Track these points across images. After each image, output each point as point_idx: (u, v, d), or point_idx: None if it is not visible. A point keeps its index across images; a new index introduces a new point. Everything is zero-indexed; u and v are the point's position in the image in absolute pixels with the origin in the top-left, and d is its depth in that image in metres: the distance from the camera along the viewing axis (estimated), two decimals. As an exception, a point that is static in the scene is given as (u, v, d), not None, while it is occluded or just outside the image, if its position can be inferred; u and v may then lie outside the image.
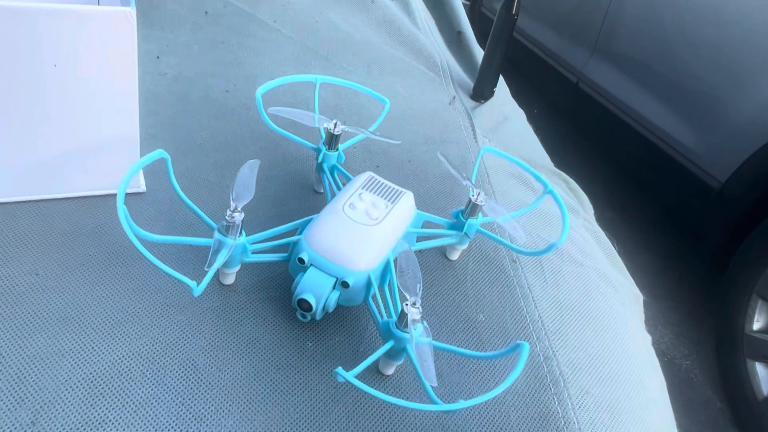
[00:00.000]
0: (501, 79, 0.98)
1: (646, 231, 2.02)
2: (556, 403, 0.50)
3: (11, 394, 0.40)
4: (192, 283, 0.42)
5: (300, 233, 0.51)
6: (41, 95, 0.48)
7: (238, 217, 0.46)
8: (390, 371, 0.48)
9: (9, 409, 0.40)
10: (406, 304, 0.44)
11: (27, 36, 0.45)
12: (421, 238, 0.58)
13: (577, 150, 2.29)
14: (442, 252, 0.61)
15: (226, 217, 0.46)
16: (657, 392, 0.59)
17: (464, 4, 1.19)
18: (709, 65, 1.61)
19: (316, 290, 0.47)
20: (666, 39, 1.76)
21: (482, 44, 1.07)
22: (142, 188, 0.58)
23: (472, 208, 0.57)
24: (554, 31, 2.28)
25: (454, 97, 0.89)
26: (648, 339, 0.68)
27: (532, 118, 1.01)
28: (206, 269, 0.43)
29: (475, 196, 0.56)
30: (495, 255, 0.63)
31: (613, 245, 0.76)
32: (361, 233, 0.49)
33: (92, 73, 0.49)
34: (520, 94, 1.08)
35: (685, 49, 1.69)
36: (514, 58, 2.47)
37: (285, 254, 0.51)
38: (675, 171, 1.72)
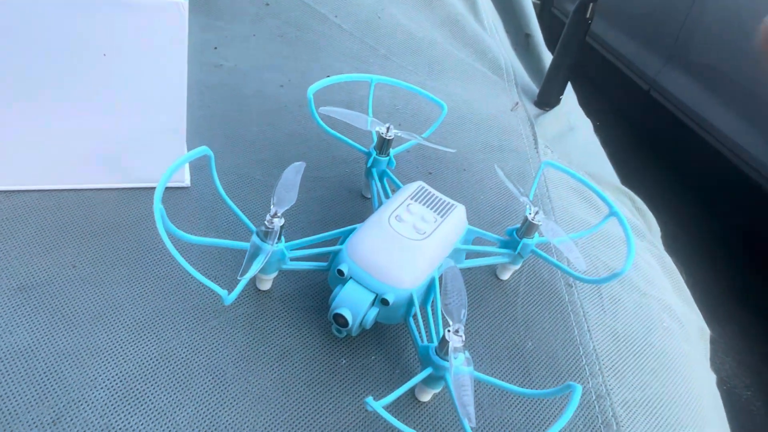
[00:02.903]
0: (569, 86, 0.93)
1: (712, 250, 1.91)
2: (607, 448, 0.46)
3: (36, 390, 0.40)
4: (223, 292, 0.40)
5: (342, 243, 0.49)
6: (89, 84, 0.48)
7: (278, 222, 0.44)
8: (426, 398, 0.45)
9: (32, 405, 0.39)
10: (449, 331, 0.40)
11: (77, 24, 0.44)
12: (470, 256, 0.54)
13: (644, 162, 2.18)
14: (492, 270, 0.57)
15: (266, 222, 0.44)
16: (720, 443, 0.53)
17: (534, 4, 1.13)
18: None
19: (353, 305, 0.44)
20: (748, 48, 1.64)
21: (551, 48, 1.02)
22: (187, 183, 0.57)
23: (528, 227, 0.53)
24: (627, 34, 2.18)
25: (517, 103, 0.85)
26: (713, 379, 0.62)
27: (598, 130, 0.95)
28: (239, 278, 0.41)
29: (532, 215, 0.52)
30: (550, 277, 0.59)
31: (680, 274, 0.70)
32: (407, 248, 0.46)
33: (142, 63, 0.48)
34: (587, 102, 1.02)
35: (771, 61, 1.57)
36: (581, 62, 2.37)
37: (325, 263, 0.49)
38: (750, 189, 1.61)
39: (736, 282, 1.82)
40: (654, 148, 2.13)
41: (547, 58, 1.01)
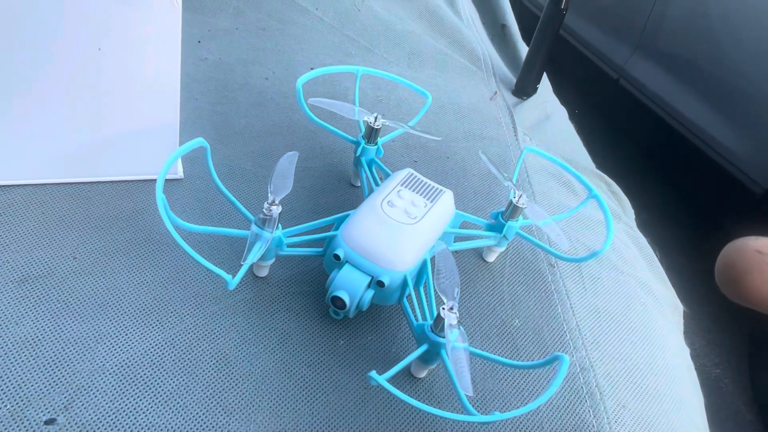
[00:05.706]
0: (544, 75, 0.96)
1: (681, 234, 1.97)
2: (592, 416, 0.49)
3: (47, 377, 0.41)
4: (227, 277, 0.41)
5: (336, 229, 0.51)
6: (85, 79, 0.48)
7: (276, 210, 0.45)
8: (422, 374, 0.47)
9: (44, 392, 0.40)
10: (443, 308, 0.42)
11: (73, 19, 0.45)
12: (458, 239, 0.57)
13: (615, 148, 2.23)
14: (479, 253, 0.60)
15: (264, 210, 0.45)
16: (696, 410, 0.57)
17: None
18: (758, 66, 1.55)
19: (350, 288, 0.46)
20: (713, 37, 1.70)
21: (525, 39, 1.04)
22: (180, 175, 0.58)
23: (513, 210, 0.55)
24: (595, 24, 2.22)
25: (496, 93, 0.87)
26: (687, 352, 0.66)
27: (573, 117, 0.98)
28: (242, 263, 0.42)
29: (516, 198, 0.55)
30: (533, 258, 0.61)
31: (654, 253, 0.73)
32: (399, 232, 0.48)
33: (136, 58, 0.49)
34: (559, 91, 1.05)
35: (734, 48, 1.63)
36: (553, 52, 2.41)
37: (320, 249, 0.51)
38: (716, 174, 1.67)
39: (705, 263, 1.89)
40: (624, 134, 2.18)
41: (523, 48, 1.03)
